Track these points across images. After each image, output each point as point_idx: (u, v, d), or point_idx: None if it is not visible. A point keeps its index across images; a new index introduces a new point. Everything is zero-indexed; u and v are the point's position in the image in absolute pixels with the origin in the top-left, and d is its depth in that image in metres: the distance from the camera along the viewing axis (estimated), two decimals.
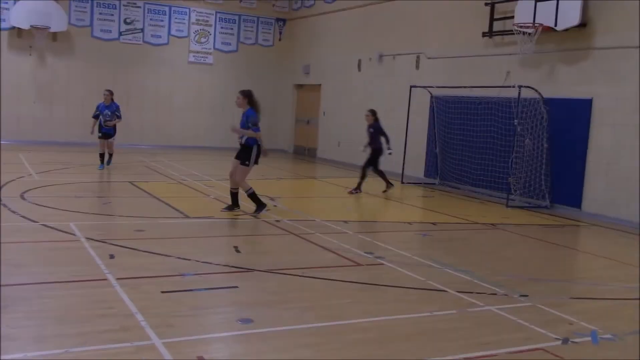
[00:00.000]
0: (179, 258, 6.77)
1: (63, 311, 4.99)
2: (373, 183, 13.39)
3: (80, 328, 4.66)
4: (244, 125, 9.50)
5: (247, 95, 9.66)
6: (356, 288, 6.19)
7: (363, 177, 12.87)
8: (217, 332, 4.76)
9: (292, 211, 10.34)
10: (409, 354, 4.55)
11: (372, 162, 12.99)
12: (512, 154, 12.64)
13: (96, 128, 14.35)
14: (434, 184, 15.27)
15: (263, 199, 9.84)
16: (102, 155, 14.32)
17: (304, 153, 21.93)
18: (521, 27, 12.49)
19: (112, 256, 6.65)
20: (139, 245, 7.27)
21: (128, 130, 20.62)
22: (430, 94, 15.41)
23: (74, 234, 7.57)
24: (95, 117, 14.36)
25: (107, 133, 14.34)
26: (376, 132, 12.92)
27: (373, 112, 13.15)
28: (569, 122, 12.25)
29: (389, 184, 13.10)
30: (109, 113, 14.32)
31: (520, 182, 12.68)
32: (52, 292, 5.43)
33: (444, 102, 15.07)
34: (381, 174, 13.12)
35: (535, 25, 12.21)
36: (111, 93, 14.52)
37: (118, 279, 5.84)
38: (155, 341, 4.43)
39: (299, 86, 22.44)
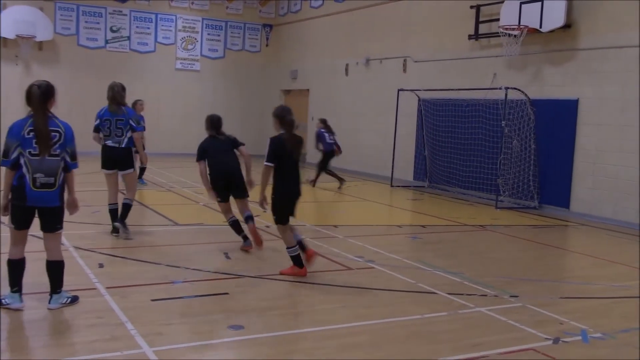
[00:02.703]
0: (168, 265, 6.74)
1: (52, 322, 4.96)
2: (363, 187, 13.38)
3: (70, 338, 4.63)
4: None
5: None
6: (347, 292, 6.19)
7: (318, 175, 14.51)
8: (208, 340, 4.74)
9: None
10: (400, 357, 4.55)
11: (323, 163, 14.57)
12: (500, 155, 12.70)
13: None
14: (424, 186, 15.31)
15: (253, 205, 9.79)
16: None
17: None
18: (507, 29, 12.58)
19: (101, 265, 6.61)
20: (127, 254, 7.23)
21: None
22: (418, 97, 15.46)
23: (62, 244, 7.50)
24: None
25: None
26: (319, 137, 14.62)
27: (322, 121, 14.97)
28: (556, 123, 12.33)
29: (341, 180, 14.44)
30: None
31: (509, 183, 12.74)
32: (41, 303, 5.38)
33: (432, 105, 15.12)
34: (331, 173, 14.58)
35: (521, 27, 12.30)
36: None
37: (107, 288, 5.80)
38: (145, 350, 4.41)
39: (287, 91, 22.44)
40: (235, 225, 7.94)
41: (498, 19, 13.01)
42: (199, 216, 9.96)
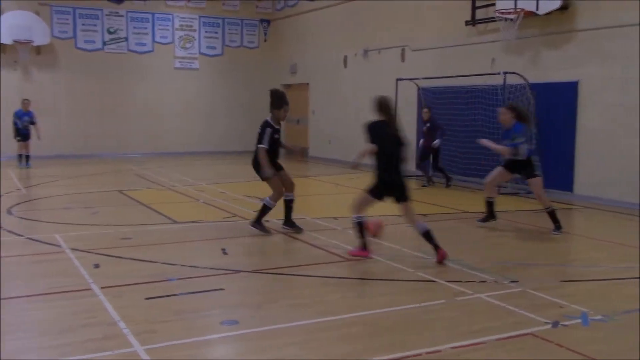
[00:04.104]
0: (164, 263, 6.70)
1: (45, 323, 4.92)
2: (364, 178, 13.26)
3: (62, 339, 4.59)
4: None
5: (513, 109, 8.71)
6: (344, 283, 6.12)
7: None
8: (201, 336, 4.68)
9: (282, 210, 10.25)
10: (398, 347, 4.48)
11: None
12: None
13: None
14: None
15: (252, 200, 9.76)
16: (20, 156, 16.88)
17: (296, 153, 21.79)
18: (503, 13, 12.45)
19: (96, 265, 6.57)
20: (124, 253, 7.19)
21: (117, 139, 20.62)
22: (417, 85, 15.35)
23: (59, 246, 7.49)
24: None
25: (25, 135, 16.88)
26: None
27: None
28: (556, 106, 12.20)
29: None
30: (27, 119, 16.89)
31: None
32: (35, 304, 5.35)
33: (431, 93, 15.01)
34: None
35: (517, 10, 12.17)
36: (29, 102, 17.14)
37: (102, 287, 5.76)
38: (137, 348, 4.36)
39: (287, 86, 22.32)
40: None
41: (494, 4, 12.87)
42: (197, 214, 9.91)
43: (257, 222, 8.28)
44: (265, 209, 8.26)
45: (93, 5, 20.09)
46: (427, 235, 6.92)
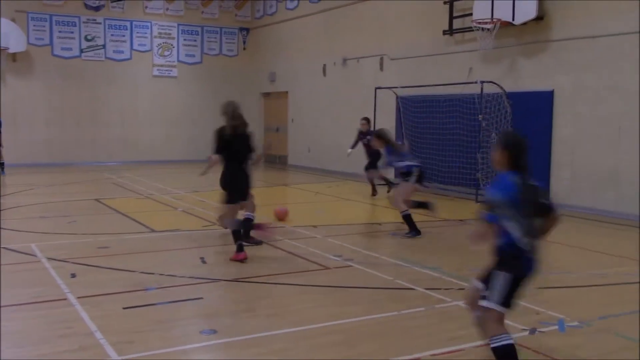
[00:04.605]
0: (142, 273, 6.64)
1: (21, 334, 4.86)
2: (344, 186, 13.27)
3: (38, 350, 4.53)
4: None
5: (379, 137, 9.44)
6: (323, 292, 6.12)
7: None
8: (180, 345, 4.65)
9: (261, 219, 10.24)
10: (377, 354, 4.50)
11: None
12: (478, 149, 12.70)
13: None
14: None
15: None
16: None
17: (275, 161, 21.83)
18: (480, 23, 12.59)
19: (73, 275, 6.50)
20: (102, 263, 7.12)
21: (95, 147, 20.43)
22: (396, 94, 15.44)
23: (35, 255, 7.40)
24: None
25: None
26: None
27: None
28: (532, 115, 12.35)
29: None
30: None
31: (489, 177, 12.73)
32: (10, 315, 5.27)
33: (410, 102, 15.11)
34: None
35: (494, 20, 12.32)
36: None
37: (78, 297, 5.70)
38: (114, 358, 4.32)
39: (266, 94, 22.38)
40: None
41: (471, 14, 13.02)
42: (176, 222, 9.85)
43: (247, 237, 8.02)
44: (248, 222, 7.98)
45: (70, 12, 19.92)
46: (237, 234, 7.23)
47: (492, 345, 3.87)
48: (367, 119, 13.93)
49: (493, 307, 3.90)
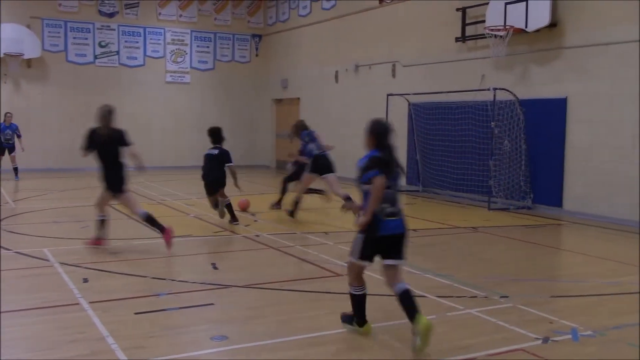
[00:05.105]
0: (154, 278, 6.66)
1: (33, 338, 4.88)
2: (355, 194, 13.23)
3: (50, 354, 4.54)
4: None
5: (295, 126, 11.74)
6: (334, 299, 6.10)
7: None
8: (190, 351, 4.65)
9: (273, 225, 10.26)
10: None
11: None
12: (491, 156, 12.65)
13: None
14: (417, 191, 15.24)
15: (244, 215, 9.74)
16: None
17: (287, 168, 21.81)
18: (492, 30, 12.56)
19: (85, 280, 6.53)
20: (114, 268, 7.15)
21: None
22: (408, 101, 15.43)
23: (47, 260, 7.44)
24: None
25: (10, 148, 16.96)
26: None
27: None
28: (545, 122, 12.29)
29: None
30: (10, 132, 16.93)
31: (501, 184, 12.68)
32: (23, 320, 5.30)
33: (422, 109, 15.09)
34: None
35: (507, 27, 12.29)
36: (11, 115, 17.09)
37: (90, 302, 5.72)
38: None
39: (278, 101, 22.42)
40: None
41: (484, 21, 13.00)
42: (188, 228, 9.87)
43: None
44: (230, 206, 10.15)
45: (85, 18, 20.10)
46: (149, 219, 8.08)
47: (350, 292, 5.07)
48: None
49: (354, 261, 4.95)
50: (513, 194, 12.66)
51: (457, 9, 14.04)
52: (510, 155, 12.64)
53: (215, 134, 10.50)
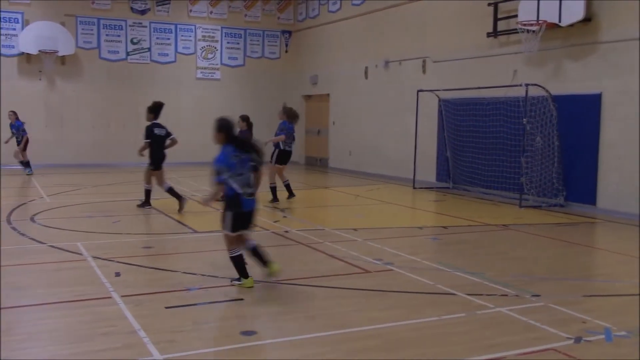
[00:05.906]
0: (185, 273, 6.73)
1: (65, 331, 4.96)
2: (385, 190, 13.18)
3: (82, 347, 4.62)
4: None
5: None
6: (363, 295, 6.10)
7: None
8: (219, 346, 4.70)
9: (302, 221, 10.28)
10: None
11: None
12: (522, 153, 12.49)
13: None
14: (447, 187, 15.13)
15: (271, 210, 9.76)
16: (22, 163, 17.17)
17: (316, 164, 21.89)
18: (525, 25, 12.38)
19: (117, 274, 6.62)
20: (145, 262, 7.25)
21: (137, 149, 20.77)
22: (438, 97, 15.31)
23: (80, 254, 7.57)
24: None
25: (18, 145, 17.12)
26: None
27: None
28: (579, 118, 12.09)
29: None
30: (14, 131, 17.09)
31: (533, 181, 12.51)
32: (56, 313, 5.40)
33: (452, 105, 14.96)
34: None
35: (540, 22, 12.10)
36: (15, 113, 17.09)
37: (122, 296, 5.80)
38: (156, 357, 4.38)
39: (308, 97, 22.44)
40: None
41: (516, 15, 12.82)
42: (218, 224, 9.91)
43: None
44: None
45: (117, 16, 20.38)
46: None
47: (229, 256, 6.18)
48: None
49: (227, 232, 6.17)
50: (545, 191, 12.48)
51: (489, 4, 13.87)
52: (542, 152, 12.46)
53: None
